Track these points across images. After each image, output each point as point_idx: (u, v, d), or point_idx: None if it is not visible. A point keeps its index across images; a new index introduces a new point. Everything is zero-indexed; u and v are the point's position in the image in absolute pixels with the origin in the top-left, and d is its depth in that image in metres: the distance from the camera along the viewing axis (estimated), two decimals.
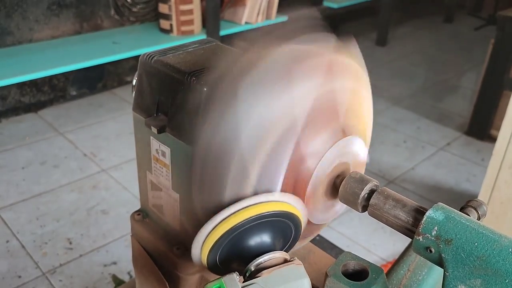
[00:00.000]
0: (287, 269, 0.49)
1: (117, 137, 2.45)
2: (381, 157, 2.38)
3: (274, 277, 0.48)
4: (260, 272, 0.49)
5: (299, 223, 0.55)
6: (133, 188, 2.04)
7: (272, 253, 0.51)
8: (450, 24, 4.60)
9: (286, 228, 0.55)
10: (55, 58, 2.36)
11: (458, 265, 0.45)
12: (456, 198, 2.09)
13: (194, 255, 0.54)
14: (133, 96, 0.68)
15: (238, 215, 0.51)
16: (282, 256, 0.51)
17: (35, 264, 1.65)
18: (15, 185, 2.04)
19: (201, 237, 0.52)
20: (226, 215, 0.51)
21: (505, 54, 2.35)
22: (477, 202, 0.55)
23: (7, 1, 2.40)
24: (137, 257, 0.75)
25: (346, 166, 0.60)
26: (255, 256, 0.51)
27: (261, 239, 0.52)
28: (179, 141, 0.60)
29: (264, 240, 0.53)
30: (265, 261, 0.51)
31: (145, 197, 0.73)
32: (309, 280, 0.49)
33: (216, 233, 0.51)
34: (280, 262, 0.51)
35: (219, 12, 2.74)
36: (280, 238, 0.55)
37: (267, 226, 0.52)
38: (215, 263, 0.54)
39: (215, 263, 0.54)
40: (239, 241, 0.52)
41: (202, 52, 0.68)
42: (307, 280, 0.49)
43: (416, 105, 2.98)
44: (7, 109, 2.57)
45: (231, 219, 0.51)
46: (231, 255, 0.53)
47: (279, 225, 0.53)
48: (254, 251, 0.52)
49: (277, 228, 0.53)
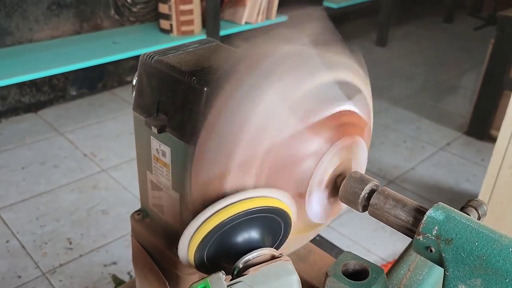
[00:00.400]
0: (274, 265, 0.48)
1: (117, 137, 2.45)
2: (381, 157, 2.38)
3: (261, 275, 0.47)
4: (248, 269, 0.48)
5: (288, 218, 0.54)
6: (133, 188, 2.04)
7: (260, 250, 0.50)
8: (450, 24, 4.60)
9: (275, 224, 0.54)
10: (55, 58, 2.36)
11: (459, 264, 0.45)
12: (456, 198, 2.09)
13: (181, 254, 0.53)
14: (133, 96, 0.68)
15: (224, 212, 0.50)
16: (270, 253, 0.50)
17: (35, 264, 1.65)
18: (15, 185, 2.04)
19: (187, 236, 0.51)
20: (212, 212, 0.50)
21: (505, 54, 2.35)
22: (477, 202, 0.55)
23: (7, 1, 2.40)
24: (137, 257, 0.75)
25: (346, 165, 0.60)
26: (244, 253, 0.50)
27: (249, 235, 0.51)
28: (179, 141, 0.60)
29: (252, 237, 0.52)
30: (253, 258, 0.50)
31: (145, 197, 0.73)
32: (297, 276, 0.48)
33: (202, 230, 0.50)
34: (268, 259, 0.50)
35: (219, 12, 2.74)
36: (269, 234, 0.54)
37: (255, 222, 0.51)
38: (202, 262, 0.53)
39: (202, 261, 0.53)
40: (227, 238, 0.51)
41: (202, 52, 0.68)
42: (295, 277, 0.48)
43: (416, 105, 2.98)
44: (7, 109, 2.57)
45: (217, 216, 0.50)
46: (219, 252, 0.52)
47: (268, 221, 0.52)
48: (242, 248, 0.51)
49: (266, 224, 0.52)
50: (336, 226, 1.88)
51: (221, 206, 0.50)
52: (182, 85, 0.60)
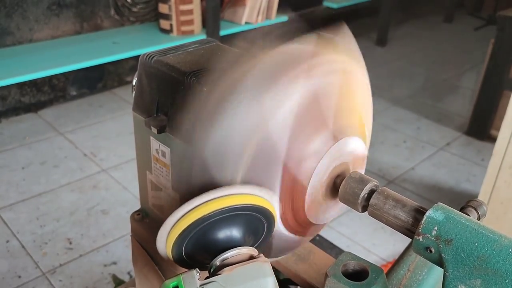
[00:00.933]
0: (251, 266, 0.47)
1: (117, 137, 2.45)
2: (381, 157, 2.38)
3: (235, 275, 0.46)
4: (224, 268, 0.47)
5: (271, 218, 0.53)
6: (133, 188, 2.04)
7: (238, 249, 0.49)
8: (450, 24, 4.60)
9: (258, 223, 0.52)
10: (55, 58, 2.36)
11: (458, 265, 0.45)
12: (456, 198, 2.09)
13: (159, 247, 0.52)
14: (133, 96, 0.68)
15: (203, 208, 0.48)
16: (249, 252, 0.49)
17: (35, 264, 1.65)
18: (15, 185, 2.04)
19: (166, 229, 0.50)
20: (193, 206, 0.48)
21: (505, 54, 2.35)
22: (477, 202, 0.55)
23: (7, 1, 2.40)
24: (137, 257, 0.75)
25: (345, 166, 0.60)
26: (222, 251, 0.49)
27: (229, 233, 0.50)
28: (179, 141, 0.60)
29: (232, 235, 0.50)
30: (231, 256, 0.48)
31: (145, 197, 0.73)
32: (274, 279, 0.47)
33: (181, 224, 0.49)
34: (246, 259, 0.48)
35: (219, 12, 2.74)
36: (251, 233, 0.52)
37: (237, 220, 0.50)
38: (181, 257, 0.52)
39: (181, 256, 0.52)
40: (206, 235, 0.49)
41: (202, 52, 0.68)
42: (271, 279, 0.46)
43: (416, 105, 2.98)
44: (7, 109, 2.57)
45: (195, 211, 0.48)
46: (197, 248, 0.51)
47: (250, 219, 0.51)
48: (221, 245, 0.49)
49: (248, 222, 0.51)
50: (336, 226, 1.88)
51: (200, 201, 0.49)
52: (182, 85, 0.60)
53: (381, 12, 3.85)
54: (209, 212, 0.48)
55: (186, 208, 0.49)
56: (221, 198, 0.49)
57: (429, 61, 3.73)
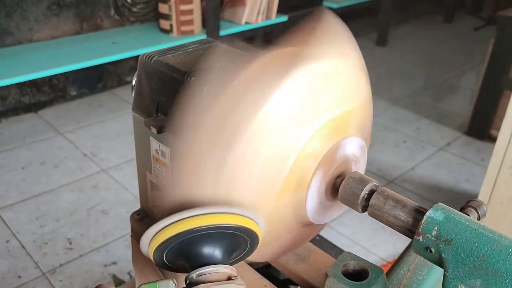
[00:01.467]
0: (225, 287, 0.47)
1: (117, 137, 2.45)
2: (381, 157, 2.38)
3: None
4: (199, 284, 0.47)
5: (256, 238, 0.53)
6: (133, 188, 2.04)
7: (217, 266, 0.49)
8: (450, 24, 4.60)
9: (241, 242, 0.52)
10: (55, 58, 2.36)
11: (458, 265, 0.45)
12: (456, 198, 2.09)
13: (142, 247, 0.52)
14: (133, 96, 0.68)
15: (194, 220, 0.48)
16: (227, 272, 0.49)
17: (35, 264, 1.65)
18: (15, 185, 2.04)
19: (151, 233, 0.50)
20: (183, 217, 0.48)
21: (505, 54, 2.35)
22: (477, 202, 0.55)
23: (7, 1, 2.40)
24: (137, 257, 0.75)
25: (345, 166, 0.60)
26: (202, 265, 0.49)
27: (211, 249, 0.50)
28: (179, 141, 0.60)
29: (213, 251, 0.50)
30: (208, 272, 0.48)
31: (145, 197, 0.73)
32: None
33: (166, 233, 0.49)
34: (223, 278, 0.48)
35: (219, 12, 2.74)
36: (233, 250, 0.52)
37: (221, 237, 0.50)
38: (162, 262, 0.53)
39: (162, 260, 0.52)
40: (189, 246, 0.49)
41: (202, 52, 0.68)
42: None
43: (416, 105, 2.98)
44: (7, 109, 2.57)
45: (186, 222, 0.48)
46: (178, 257, 0.51)
47: (234, 238, 0.51)
48: (201, 260, 0.49)
49: (232, 240, 0.51)
50: (336, 226, 1.88)
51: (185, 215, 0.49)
52: (181, 85, 0.60)
53: (381, 12, 3.85)
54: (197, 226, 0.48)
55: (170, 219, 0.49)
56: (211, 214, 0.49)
57: (429, 61, 3.73)
